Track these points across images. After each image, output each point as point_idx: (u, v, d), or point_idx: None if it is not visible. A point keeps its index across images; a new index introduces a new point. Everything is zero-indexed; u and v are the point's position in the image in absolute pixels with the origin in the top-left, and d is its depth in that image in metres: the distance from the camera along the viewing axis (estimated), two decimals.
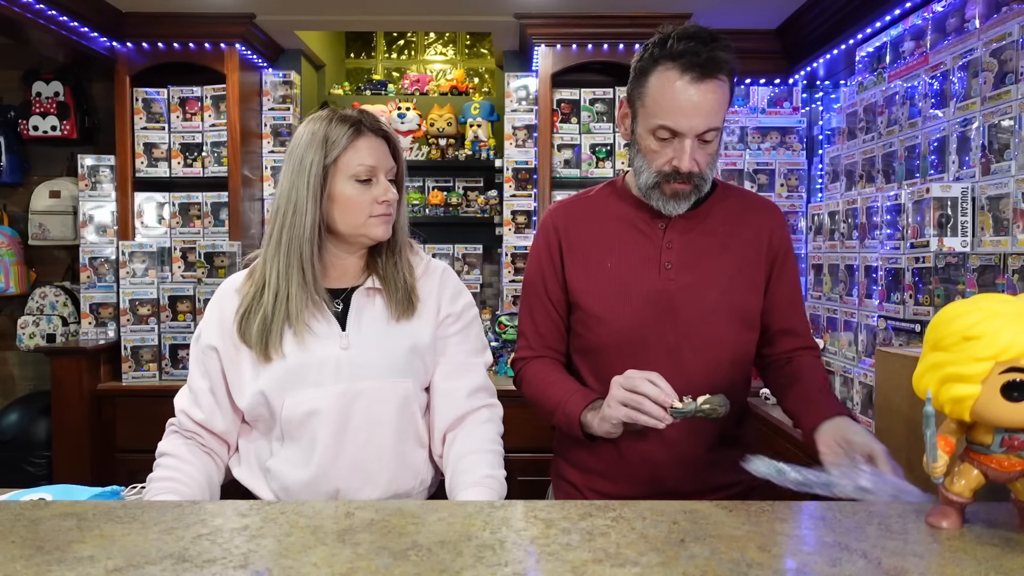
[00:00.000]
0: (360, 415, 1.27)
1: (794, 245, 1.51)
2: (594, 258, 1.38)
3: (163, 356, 3.14)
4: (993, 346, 0.76)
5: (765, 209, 1.42)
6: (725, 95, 1.25)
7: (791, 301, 1.41)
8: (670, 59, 1.23)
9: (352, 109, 1.33)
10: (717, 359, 1.34)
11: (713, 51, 1.21)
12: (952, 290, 1.89)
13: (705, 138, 1.25)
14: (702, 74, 1.21)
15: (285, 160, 1.30)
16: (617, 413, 1.21)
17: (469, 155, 3.48)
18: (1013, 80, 1.78)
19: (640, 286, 1.34)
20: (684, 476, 1.34)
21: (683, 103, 1.22)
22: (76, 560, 0.75)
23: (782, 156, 3.28)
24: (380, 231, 1.30)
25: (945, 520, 0.84)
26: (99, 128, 3.38)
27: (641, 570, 0.73)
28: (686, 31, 1.24)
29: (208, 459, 1.31)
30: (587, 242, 1.40)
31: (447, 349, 1.37)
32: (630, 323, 1.34)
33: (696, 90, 1.22)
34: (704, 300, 1.33)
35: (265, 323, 1.26)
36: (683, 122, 1.23)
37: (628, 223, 1.38)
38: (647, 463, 1.34)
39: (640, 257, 1.35)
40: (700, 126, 1.23)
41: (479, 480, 1.25)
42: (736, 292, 1.35)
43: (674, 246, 1.35)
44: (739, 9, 2.99)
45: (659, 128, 1.25)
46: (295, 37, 3.39)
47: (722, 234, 1.37)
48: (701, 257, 1.35)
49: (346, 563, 0.74)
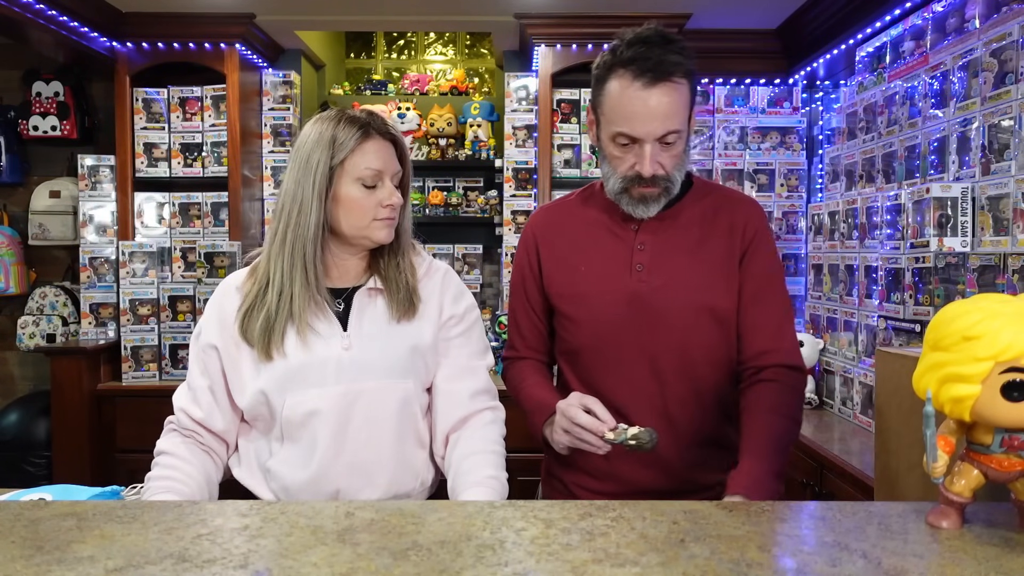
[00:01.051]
0: (361, 416, 1.27)
1: (794, 246, 1.50)
2: (570, 262, 1.39)
3: (163, 356, 3.14)
4: (993, 346, 0.76)
5: (741, 204, 1.40)
6: (683, 96, 1.25)
7: (756, 296, 1.34)
8: (622, 65, 1.24)
9: (360, 111, 1.32)
10: (693, 360, 1.33)
11: (665, 54, 1.21)
12: (952, 290, 1.89)
13: (666, 140, 1.25)
14: (654, 78, 1.21)
15: (291, 157, 1.30)
16: (562, 440, 1.27)
17: (469, 155, 3.48)
18: (1013, 80, 1.78)
19: (613, 288, 1.34)
20: (667, 476, 1.34)
21: (638, 109, 1.22)
22: (76, 560, 0.75)
23: (782, 156, 3.28)
24: (383, 234, 1.30)
25: (945, 520, 0.84)
26: (99, 128, 3.38)
27: (641, 570, 0.73)
28: (638, 36, 1.25)
29: (207, 458, 1.31)
30: (563, 246, 1.41)
31: (450, 351, 1.37)
32: (605, 325, 1.35)
33: (649, 95, 1.22)
34: (677, 301, 1.32)
35: (268, 321, 1.25)
36: (639, 128, 1.23)
37: (602, 226, 1.39)
38: (631, 463, 1.34)
39: (613, 259, 1.36)
40: (657, 130, 1.23)
41: (483, 480, 1.25)
42: (710, 292, 1.33)
43: (646, 247, 1.35)
44: (739, 9, 2.99)
45: (618, 135, 1.26)
46: (295, 37, 3.39)
47: (696, 234, 1.36)
48: (673, 258, 1.34)
49: (346, 563, 0.74)
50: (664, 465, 1.34)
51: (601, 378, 1.36)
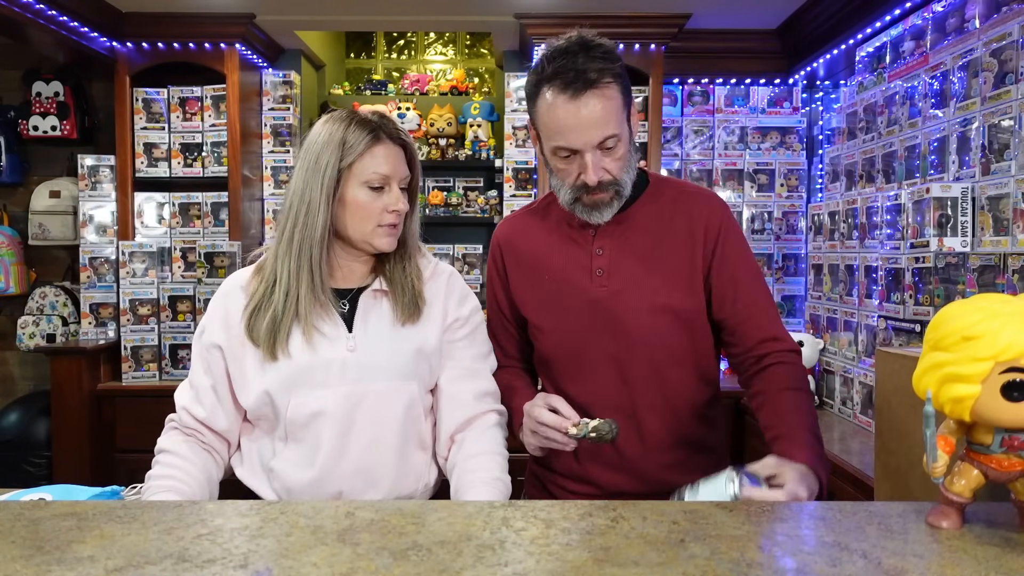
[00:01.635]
0: (365, 417, 1.27)
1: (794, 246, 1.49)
2: (535, 270, 1.40)
3: (163, 356, 3.14)
4: (993, 346, 0.76)
5: (699, 198, 1.37)
6: (613, 100, 1.22)
7: (737, 291, 1.32)
8: (547, 81, 1.23)
9: (372, 113, 1.32)
10: (659, 362, 1.32)
11: (587, 62, 1.20)
12: (952, 290, 1.89)
13: (606, 146, 1.24)
14: (579, 88, 1.20)
15: (299, 157, 1.29)
16: (531, 441, 1.29)
17: (469, 155, 3.48)
18: (1013, 80, 1.78)
19: (576, 295, 1.34)
20: (639, 479, 1.34)
21: (569, 121, 1.21)
22: (76, 560, 0.75)
23: (782, 156, 3.29)
24: (385, 242, 1.30)
25: (945, 520, 0.84)
26: (99, 128, 3.38)
27: (641, 570, 0.73)
28: (557, 48, 1.24)
29: (208, 457, 1.31)
30: (527, 255, 1.41)
31: (454, 353, 1.37)
32: (570, 333, 1.35)
33: (576, 106, 1.20)
34: (637, 303, 1.31)
35: (274, 321, 1.25)
36: (575, 140, 1.22)
37: (562, 233, 1.39)
38: (601, 467, 1.35)
39: (573, 266, 1.36)
40: (594, 138, 1.22)
41: (489, 480, 1.25)
42: (671, 291, 1.32)
43: (604, 252, 1.34)
44: (739, 9, 2.99)
45: (557, 149, 1.26)
46: (295, 37, 3.39)
47: (654, 233, 1.34)
48: (631, 260, 1.33)
49: (346, 563, 0.74)
50: (634, 469, 1.34)
51: (572, 385, 1.36)
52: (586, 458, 1.35)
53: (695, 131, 3.35)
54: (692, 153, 3.33)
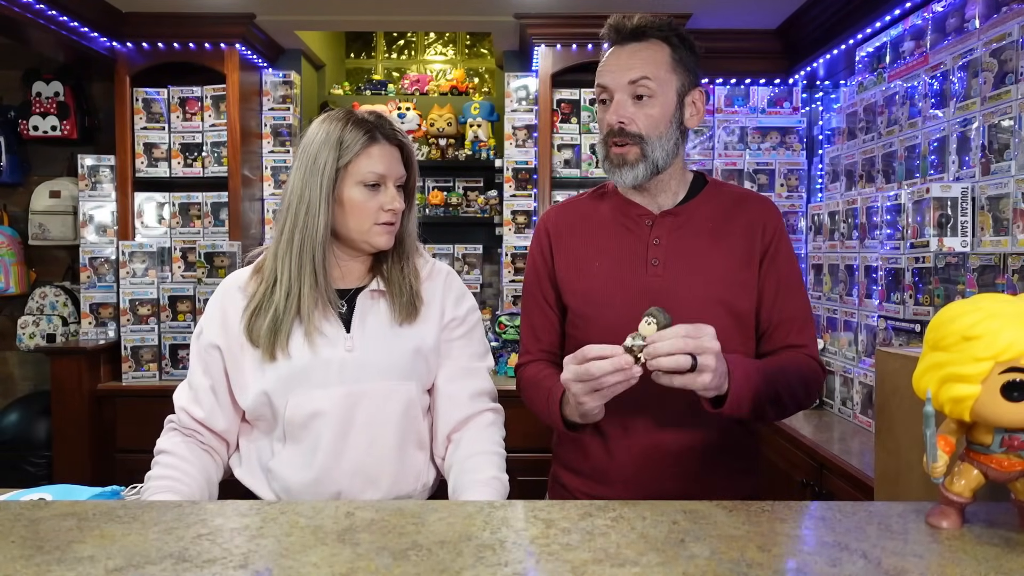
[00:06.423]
0: (363, 417, 1.27)
1: (794, 246, 1.49)
2: (584, 258, 1.38)
3: (163, 356, 3.14)
4: (993, 346, 0.76)
5: (757, 202, 1.40)
6: (659, 53, 1.31)
7: (779, 295, 1.35)
8: (606, 37, 1.36)
9: (369, 112, 1.32)
10: None
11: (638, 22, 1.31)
12: (952, 290, 1.89)
13: (638, 93, 1.29)
14: (627, 37, 1.32)
15: (297, 157, 1.30)
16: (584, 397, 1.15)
17: (469, 155, 3.48)
18: (1013, 80, 1.78)
19: (627, 284, 1.33)
20: (675, 479, 1.31)
21: (610, 62, 1.33)
22: (76, 560, 0.75)
23: (782, 156, 3.28)
24: (382, 240, 1.30)
25: (945, 520, 0.84)
26: (99, 128, 3.38)
27: (641, 570, 0.73)
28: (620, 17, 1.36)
29: (207, 457, 1.31)
30: (577, 243, 1.40)
31: (451, 352, 1.37)
32: (617, 321, 1.31)
33: (622, 51, 1.32)
34: (691, 295, 1.31)
35: (275, 321, 1.25)
36: (608, 78, 1.32)
37: (616, 222, 1.39)
38: (636, 463, 1.32)
39: (627, 255, 1.35)
40: (624, 77, 1.30)
41: (486, 480, 1.25)
42: (725, 287, 1.32)
43: (661, 243, 1.34)
44: (739, 9, 2.99)
45: (598, 90, 1.34)
46: (295, 37, 3.39)
47: (712, 229, 1.35)
48: (688, 253, 1.34)
49: (346, 563, 0.74)
50: (681, 469, 1.31)
51: None
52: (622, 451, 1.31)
53: (695, 131, 3.35)
54: (692, 153, 3.33)
